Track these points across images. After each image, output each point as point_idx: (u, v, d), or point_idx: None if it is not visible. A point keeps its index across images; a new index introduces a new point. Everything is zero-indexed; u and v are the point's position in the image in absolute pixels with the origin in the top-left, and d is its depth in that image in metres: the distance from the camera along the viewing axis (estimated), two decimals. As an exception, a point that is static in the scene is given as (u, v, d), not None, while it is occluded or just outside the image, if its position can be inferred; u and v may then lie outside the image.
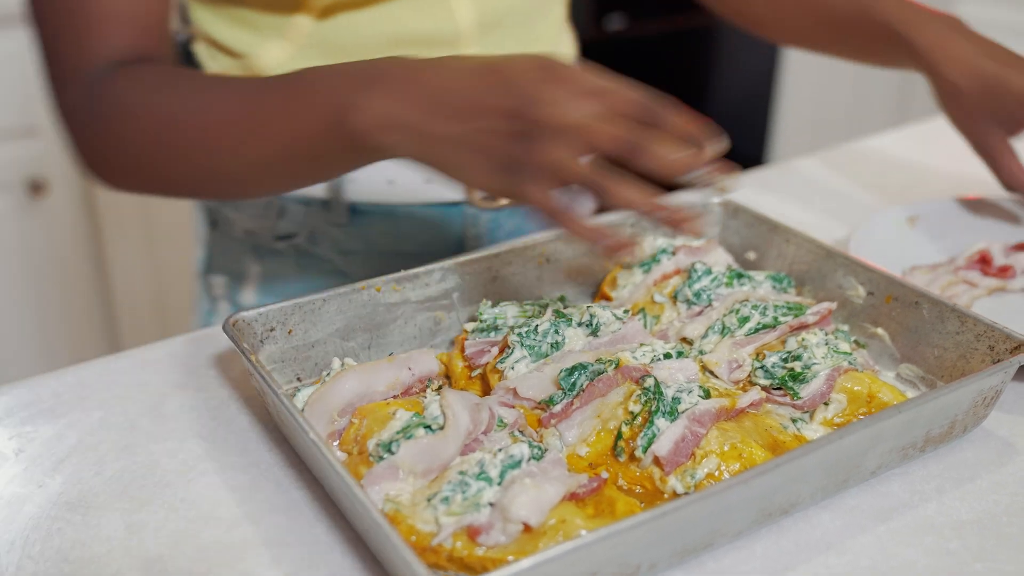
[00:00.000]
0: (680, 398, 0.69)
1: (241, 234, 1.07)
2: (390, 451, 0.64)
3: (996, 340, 0.75)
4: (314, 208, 1.03)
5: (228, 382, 0.80)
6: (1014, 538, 0.65)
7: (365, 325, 0.79)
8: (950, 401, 0.70)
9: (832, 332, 0.79)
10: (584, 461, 0.69)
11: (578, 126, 0.63)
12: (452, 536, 0.59)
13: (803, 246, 0.89)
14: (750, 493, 0.62)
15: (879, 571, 0.62)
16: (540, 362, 0.74)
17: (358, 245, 1.05)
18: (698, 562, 0.63)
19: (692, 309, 0.83)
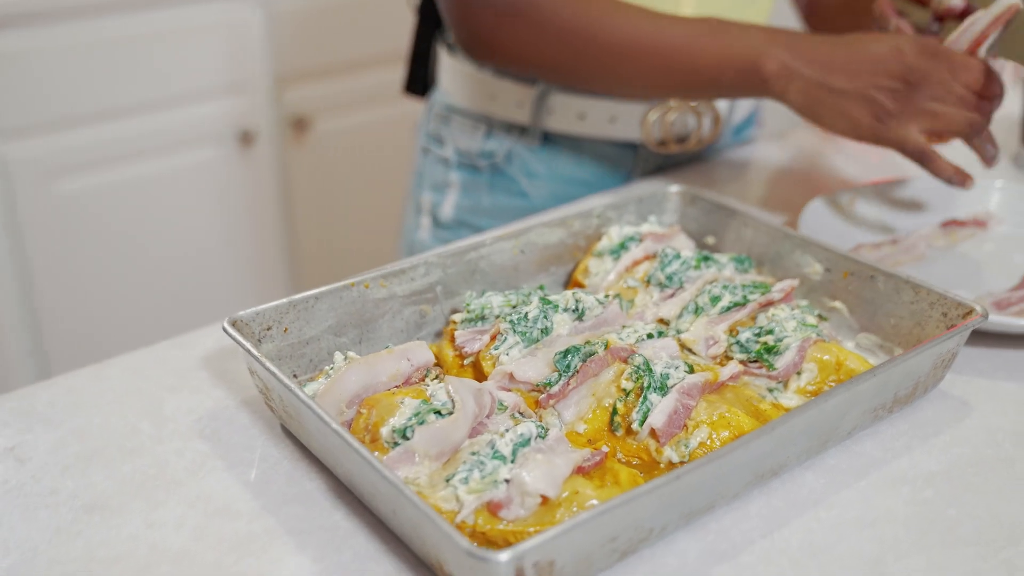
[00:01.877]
0: (668, 374, 0.75)
1: (451, 154, 1.32)
2: (405, 436, 0.68)
3: (948, 307, 0.82)
4: (514, 133, 1.27)
5: (221, 383, 0.83)
6: (979, 485, 0.73)
7: (355, 321, 0.83)
8: (915, 364, 0.77)
9: (797, 307, 0.86)
10: (583, 438, 0.74)
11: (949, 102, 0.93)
12: (474, 512, 0.64)
13: (760, 229, 0.96)
14: (747, 457, 0.68)
15: (865, 521, 0.69)
16: (532, 347, 0.79)
17: (543, 169, 1.28)
18: (701, 523, 0.68)
19: (664, 291, 0.89)
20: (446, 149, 1.32)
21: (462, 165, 1.31)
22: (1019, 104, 1.45)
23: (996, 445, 0.77)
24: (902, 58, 0.94)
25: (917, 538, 0.68)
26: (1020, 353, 0.88)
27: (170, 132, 2.03)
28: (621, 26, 1.01)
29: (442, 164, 1.33)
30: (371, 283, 0.84)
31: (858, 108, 0.94)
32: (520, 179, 1.28)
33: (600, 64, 1.04)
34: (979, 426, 0.79)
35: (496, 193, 1.30)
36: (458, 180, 1.32)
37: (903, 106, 0.93)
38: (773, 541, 0.67)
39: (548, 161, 1.27)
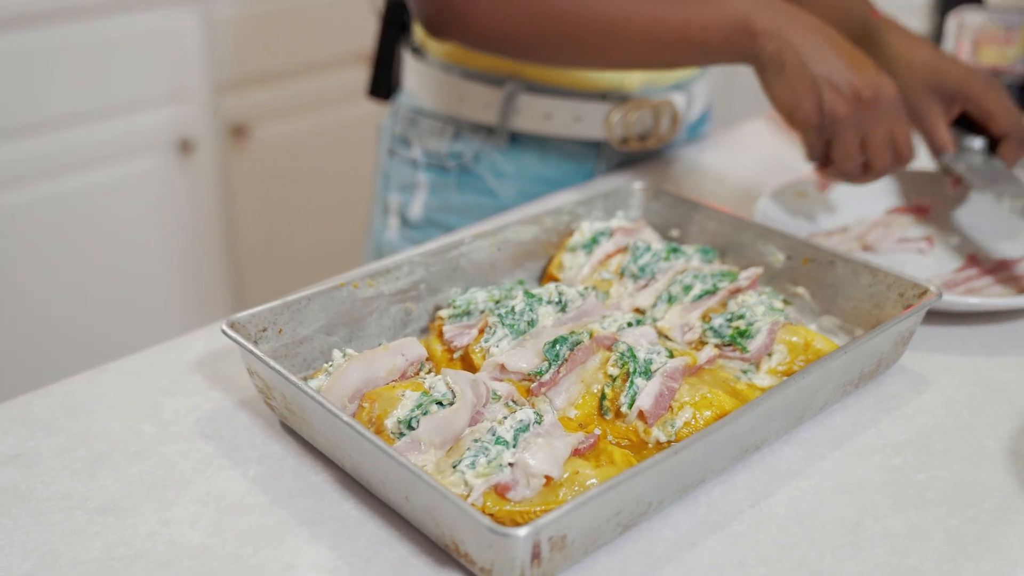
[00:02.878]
0: (651, 359, 0.80)
1: (419, 155, 1.34)
2: (410, 427, 0.72)
3: (905, 288, 0.89)
4: (482, 133, 1.30)
5: (215, 385, 0.85)
6: (943, 451, 0.79)
7: (345, 320, 0.86)
8: (879, 342, 0.83)
9: (765, 293, 0.91)
10: (574, 422, 0.79)
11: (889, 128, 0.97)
12: (483, 495, 0.68)
13: (722, 221, 1.02)
14: (734, 433, 0.73)
15: (843, 488, 0.75)
16: (520, 339, 0.83)
17: (511, 168, 1.31)
18: (693, 497, 0.74)
19: (638, 282, 0.95)
20: (413, 151, 1.35)
21: (430, 166, 1.34)
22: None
23: (955, 415, 0.84)
24: (870, 77, 0.96)
25: (892, 502, 0.73)
26: (969, 329, 0.95)
27: (108, 142, 2.03)
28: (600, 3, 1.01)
29: (409, 165, 1.37)
30: (359, 283, 0.87)
31: (806, 91, 0.95)
32: (488, 178, 1.32)
33: (580, 38, 1.03)
34: (938, 398, 0.86)
35: (465, 192, 1.33)
36: (426, 181, 1.35)
37: (847, 116, 0.96)
38: (760, 510, 0.72)
39: (516, 160, 1.31)
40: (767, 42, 0.96)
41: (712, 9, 0.99)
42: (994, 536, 0.70)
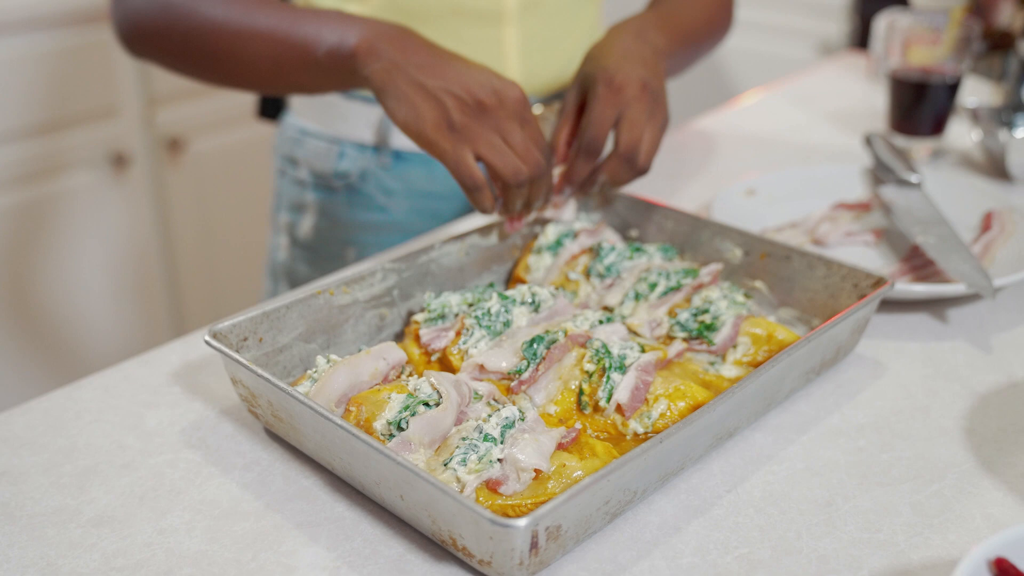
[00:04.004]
0: (625, 354, 0.83)
1: (306, 175, 1.34)
2: (400, 428, 0.74)
3: (859, 279, 0.93)
4: (366, 152, 1.30)
5: (196, 396, 0.87)
6: (903, 431, 0.84)
7: (323, 327, 0.89)
8: (838, 331, 0.88)
9: (727, 288, 0.96)
10: (555, 418, 0.82)
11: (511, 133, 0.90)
12: (476, 491, 0.71)
13: (680, 220, 1.06)
14: (710, 421, 0.77)
15: (813, 470, 0.79)
16: (497, 339, 0.86)
17: (398, 185, 1.31)
18: (673, 484, 0.78)
19: (605, 281, 0.98)
20: (301, 171, 1.35)
21: (318, 186, 1.34)
22: (883, 96, 1.61)
23: (911, 397, 0.89)
24: (488, 81, 0.91)
25: (859, 481, 0.78)
26: (918, 316, 1.01)
27: (39, 159, 2.01)
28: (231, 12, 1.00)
29: (298, 185, 1.37)
30: (335, 290, 0.89)
31: (428, 107, 0.89)
32: (377, 196, 1.32)
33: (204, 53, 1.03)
34: (894, 382, 0.91)
35: (355, 211, 1.33)
36: (315, 200, 1.35)
37: (468, 124, 0.90)
38: (738, 494, 0.77)
39: (402, 178, 1.31)
40: (371, 61, 0.92)
41: (321, 29, 0.97)
42: (957, 509, 0.75)
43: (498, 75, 0.92)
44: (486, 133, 0.89)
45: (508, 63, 1.22)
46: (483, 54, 1.20)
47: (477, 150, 0.89)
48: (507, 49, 1.21)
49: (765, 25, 2.77)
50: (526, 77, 1.24)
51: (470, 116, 0.89)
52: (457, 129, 0.89)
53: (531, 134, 0.92)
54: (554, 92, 1.30)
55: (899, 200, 1.19)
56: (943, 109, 1.42)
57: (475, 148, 0.89)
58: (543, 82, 1.27)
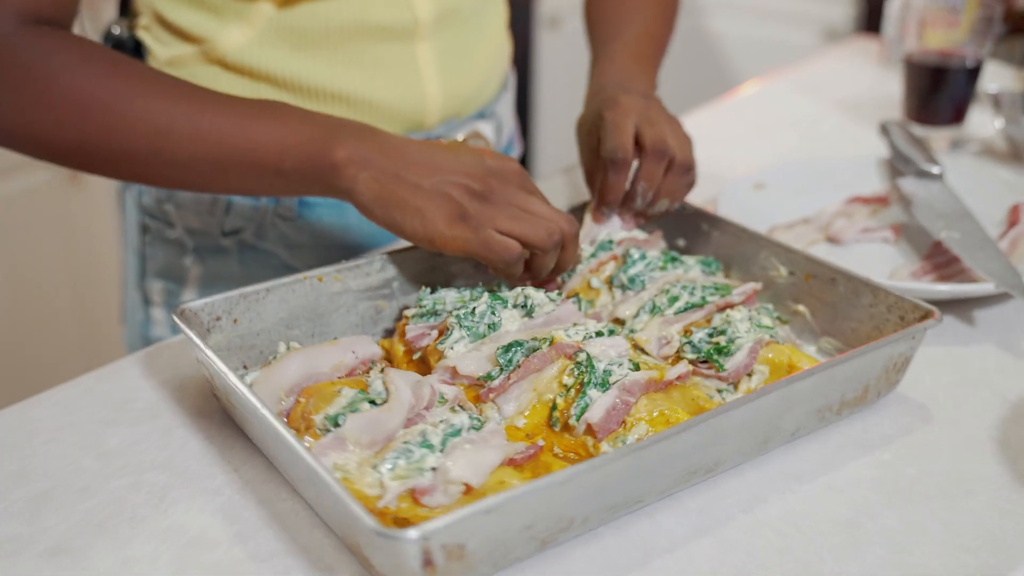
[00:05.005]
0: (611, 370, 0.78)
1: (181, 233, 1.13)
2: (337, 424, 0.72)
3: (906, 311, 0.85)
4: (262, 202, 1.11)
5: (160, 411, 0.83)
6: (930, 445, 0.80)
7: (308, 314, 0.87)
8: (860, 366, 0.80)
9: (756, 310, 0.89)
10: (522, 432, 0.77)
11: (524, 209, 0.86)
12: (397, 498, 0.67)
13: (728, 231, 1.00)
14: (672, 450, 0.70)
15: (835, 487, 0.75)
16: (478, 342, 0.82)
17: (305, 238, 1.13)
18: (632, 519, 0.72)
19: (627, 293, 0.93)
20: (175, 230, 1.13)
21: (201, 248, 1.13)
22: (898, 83, 1.59)
23: (937, 406, 0.85)
24: (482, 163, 0.87)
25: (885, 499, 0.74)
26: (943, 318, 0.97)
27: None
28: (154, 105, 0.84)
29: (172, 245, 1.15)
30: (324, 277, 0.87)
31: (433, 205, 0.83)
32: (279, 252, 1.14)
33: (132, 151, 0.85)
34: (919, 391, 0.86)
35: (252, 270, 1.14)
36: (197, 264, 1.14)
37: (481, 208, 0.85)
38: (754, 514, 0.72)
39: (309, 230, 1.13)
40: (357, 172, 0.83)
41: (290, 126, 0.85)
42: (991, 527, 0.71)
43: (489, 152, 0.89)
44: (503, 209, 0.85)
45: (426, 83, 1.10)
46: (398, 75, 1.08)
47: (499, 227, 0.84)
48: (424, 67, 1.09)
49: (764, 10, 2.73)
50: (447, 97, 1.12)
51: (480, 201, 0.85)
52: (473, 216, 0.84)
53: (543, 200, 0.88)
54: (476, 111, 1.19)
55: (919, 193, 1.15)
56: (963, 95, 1.38)
57: (497, 226, 0.84)
58: (463, 99, 1.15)
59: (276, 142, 0.84)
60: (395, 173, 0.84)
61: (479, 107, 1.20)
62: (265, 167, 0.85)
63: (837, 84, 1.67)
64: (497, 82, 1.23)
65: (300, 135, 0.84)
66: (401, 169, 0.84)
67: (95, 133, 0.84)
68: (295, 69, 1.04)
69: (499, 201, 0.85)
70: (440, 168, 0.85)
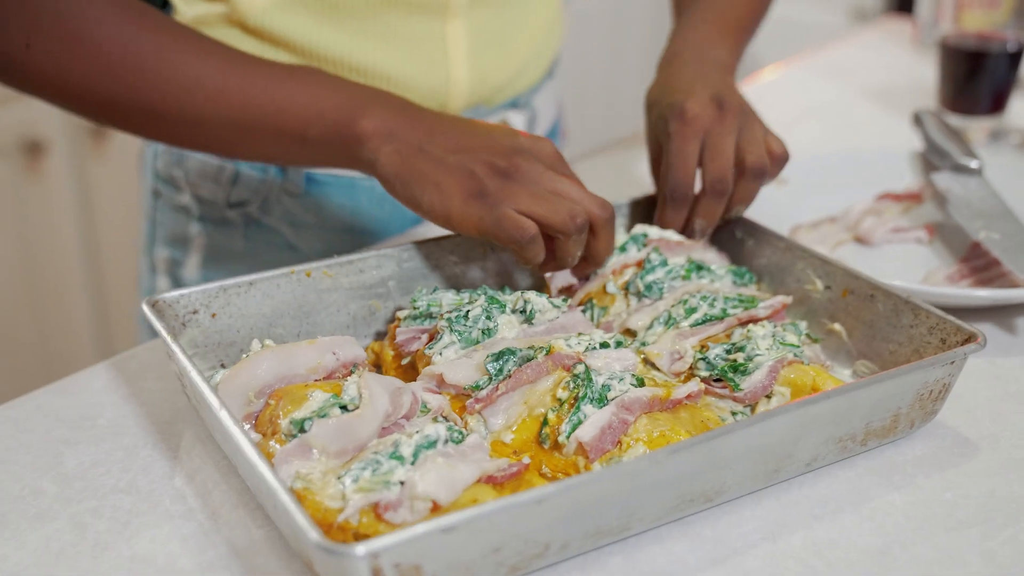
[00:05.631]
0: (610, 385, 0.75)
1: (189, 200, 1.16)
2: (303, 429, 0.70)
3: (948, 333, 0.81)
4: (270, 175, 1.13)
5: (124, 429, 0.81)
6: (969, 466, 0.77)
7: (294, 312, 0.85)
8: (887, 391, 0.75)
9: (782, 326, 0.85)
10: (509, 448, 0.74)
11: (551, 189, 0.84)
12: (359, 512, 0.65)
13: (762, 239, 0.96)
14: (664, 474, 0.67)
15: (863, 513, 0.72)
16: (469, 349, 0.80)
17: (311, 218, 1.15)
18: (640, 544, 0.69)
19: (644, 302, 0.89)
20: (183, 196, 1.17)
21: (206, 217, 1.17)
22: (932, 68, 1.58)
23: (976, 423, 0.82)
24: (515, 142, 0.87)
25: (918, 526, 0.72)
26: (981, 327, 0.92)
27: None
28: (182, 61, 0.88)
29: (180, 213, 1.18)
30: (313, 272, 0.86)
31: (452, 180, 0.84)
32: (283, 230, 1.16)
33: (159, 107, 0.88)
34: (956, 405, 0.84)
35: (255, 248, 1.17)
36: (202, 234, 1.18)
37: (503, 186, 0.84)
38: (775, 543, 0.70)
39: (315, 208, 1.15)
40: (383, 144, 0.85)
41: (319, 92, 0.87)
42: None
43: (525, 133, 0.88)
44: (525, 187, 0.83)
45: (453, 64, 1.11)
46: (424, 52, 1.09)
47: (518, 206, 0.83)
48: (452, 46, 1.10)
49: (787, -12, 2.75)
50: (475, 81, 1.13)
51: (503, 178, 0.84)
52: (491, 193, 0.83)
53: (576, 183, 0.86)
54: (508, 99, 1.19)
55: (956, 189, 1.13)
56: (1003, 82, 1.35)
57: (515, 205, 0.83)
58: (494, 86, 1.16)
59: (303, 108, 0.86)
60: (419, 147, 0.85)
61: (512, 95, 1.19)
62: (290, 133, 0.87)
63: (866, 70, 1.66)
64: (538, 71, 1.21)
65: (328, 103, 0.86)
66: (426, 143, 0.85)
67: (124, 88, 0.87)
68: (316, 37, 1.05)
69: (523, 180, 0.84)
70: (467, 144, 0.85)
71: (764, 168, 0.94)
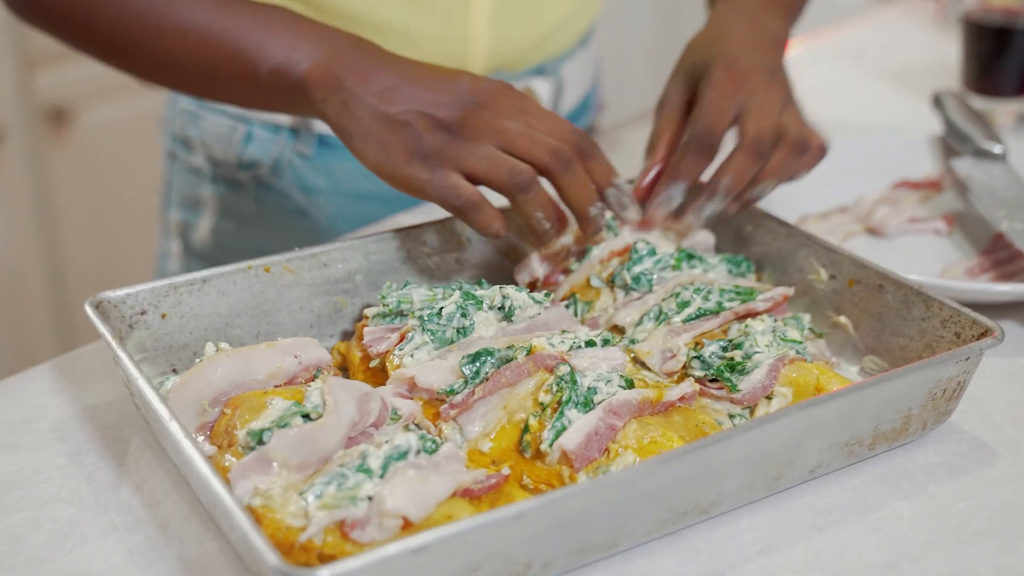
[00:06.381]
0: (597, 388, 0.74)
1: (203, 163, 1.22)
2: (261, 441, 0.68)
3: (963, 326, 0.80)
4: (282, 136, 1.18)
5: (70, 433, 0.80)
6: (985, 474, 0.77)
7: (252, 310, 0.84)
8: (897, 391, 0.74)
9: (783, 320, 0.84)
10: (487, 457, 0.74)
11: (507, 132, 0.84)
12: (323, 531, 0.64)
13: (762, 225, 0.96)
14: (655, 485, 0.66)
15: (869, 525, 0.72)
16: (444, 349, 0.79)
17: (322, 182, 1.20)
18: (627, 556, 0.69)
19: (631, 295, 0.88)
20: (196, 156, 1.23)
21: (218, 177, 1.22)
22: (955, 47, 1.58)
23: (994, 428, 0.82)
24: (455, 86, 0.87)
25: (929, 538, 0.71)
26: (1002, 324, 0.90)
27: None
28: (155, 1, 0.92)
29: (193, 174, 1.24)
30: (273, 267, 0.85)
31: (396, 137, 0.85)
32: (294, 194, 1.21)
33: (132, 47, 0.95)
34: (973, 408, 0.83)
35: (266, 212, 1.21)
36: (214, 196, 1.23)
37: (442, 143, 0.85)
38: (773, 556, 0.69)
39: (327, 171, 1.19)
40: (326, 93, 0.87)
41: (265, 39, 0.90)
42: None
43: (469, 74, 0.88)
44: (468, 146, 0.84)
45: (475, 23, 1.12)
46: (445, 10, 1.11)
47: (460, 168, 0.84)
48: (475, 6, 1.11)
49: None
50: (497, 43, 1.14)
51: (444, 134, 0.85)
52: (432, 154, 0.84)
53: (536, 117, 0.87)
54: (532, 66, 1.20)
55: (978, 176, 1.13)
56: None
57: (457, 167, 0.84)
58: (517, 51, 1.17)
59: (257, 51, 0.89)
60: (363, 98, 0.86)
61: (538, 62, 1.20)
62: (246, 76, 0.90)
63: (885, 48, 1.66)
64: (568, 38, 1.23)
65: (280, 46, 0.89)
66: (370, 94, 0.86)
67: (99, 22, 0.94)
68: None
69: (468, 134, 0.85)
70: (410, 95, 0.86)
71: (807, 144, 0.93)
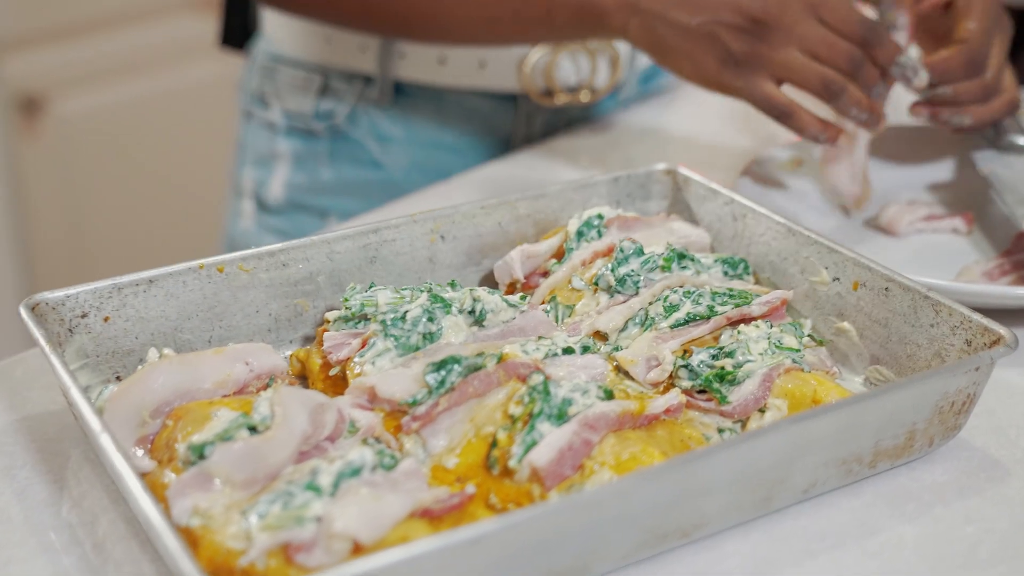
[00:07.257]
0: (572, 399, 0.73)
1: (278, 117, 1.32)
2: (202, 456, 0.68)
3: (974, 333, 0.79)
4: (357, 85, 1.28)
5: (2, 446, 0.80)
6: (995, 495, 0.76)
7: (204, 314, 0.84)
8: (900, 403, 0.73)
9: (779, 326, 0.84)
10: (452, 474, 0.73)
11: (806, 37, 0.98)
12: (265, 554, 0.63)
13: (759, 221, 0.95)
14: (632, 506, 0.65)
15: (869, 550, 0.71)
16: (408, 356, 0.78)
17: (398, 131, 1.30)
18: (669, 568, 0.69)
19: (616, 298, 0.88)
20: (272, 111, 1.32)
21: (293, 130, 1.31)
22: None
23: (1008, 445, 0.82)
24: None
25: (934, 564, 0.71)
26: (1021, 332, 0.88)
27: None
28: None
29: (268, 130, 1.33)
30: (227, 266, 0.84)
31: (702, 49, 1.00)
32: (369, 144, 1.29)
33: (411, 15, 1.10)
34: (985, 423, 0.83)
35: (339, 164, 1.30)
36: (288, 150, 1.32)
37: (751, 50, 1.00)
38: None
39: (403, 121, 1.28)
40: (625, 17, 1.02)
41: None
42: None
43: None
44: (777, 52, 0.99)
45: None
46: None
47: (774, 75, 1.00)
48: None
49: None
50: None
51: (751, 40, 0.99)
52: (742, 61, 1.00)
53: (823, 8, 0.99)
54: None
55: (1000, 171, 1.13)
56: None
57: (771, 73, 1.00)
58: None
59: None
60: (662, 15, 1.00)
61: None
62: (537, 21, 1.05)
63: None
64: None
65: None
66: (668, 10, 1.00)
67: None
68: None
69: (772, 40, 0.99)
70: (705, 6, 0.99)
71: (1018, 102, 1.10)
